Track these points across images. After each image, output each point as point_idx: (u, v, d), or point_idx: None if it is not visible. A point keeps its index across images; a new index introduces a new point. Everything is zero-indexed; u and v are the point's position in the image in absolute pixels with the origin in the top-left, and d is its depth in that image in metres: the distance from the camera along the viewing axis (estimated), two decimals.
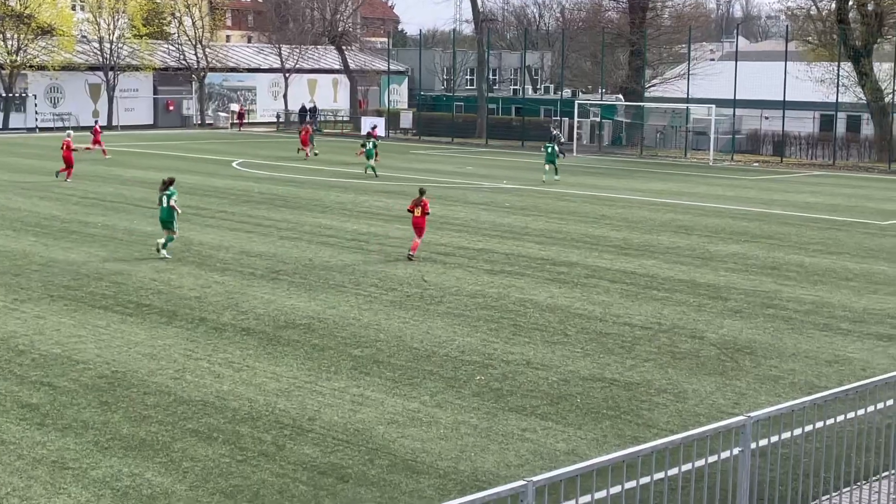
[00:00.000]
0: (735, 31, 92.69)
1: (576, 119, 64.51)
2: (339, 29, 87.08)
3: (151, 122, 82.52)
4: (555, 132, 59.35)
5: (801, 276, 23.81)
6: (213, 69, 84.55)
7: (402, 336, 17.70)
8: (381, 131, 74.88)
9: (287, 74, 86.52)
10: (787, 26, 65.82)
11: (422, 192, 25.47)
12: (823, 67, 60.19)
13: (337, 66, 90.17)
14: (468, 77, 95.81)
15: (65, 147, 41.78)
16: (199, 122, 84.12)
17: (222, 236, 28.15)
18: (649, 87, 69.30)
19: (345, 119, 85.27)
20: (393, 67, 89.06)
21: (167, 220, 24.73)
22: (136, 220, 30.88)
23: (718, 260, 25.80)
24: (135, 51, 79.96)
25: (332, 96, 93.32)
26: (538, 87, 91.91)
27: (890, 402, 10.31)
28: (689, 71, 63.95)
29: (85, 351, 16.42)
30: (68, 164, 41.46)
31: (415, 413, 13.64)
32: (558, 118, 65.63)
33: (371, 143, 46.30)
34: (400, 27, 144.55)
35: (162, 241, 24.78)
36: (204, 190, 38.97)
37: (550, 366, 15.99)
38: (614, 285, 22.45)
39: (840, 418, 9.79)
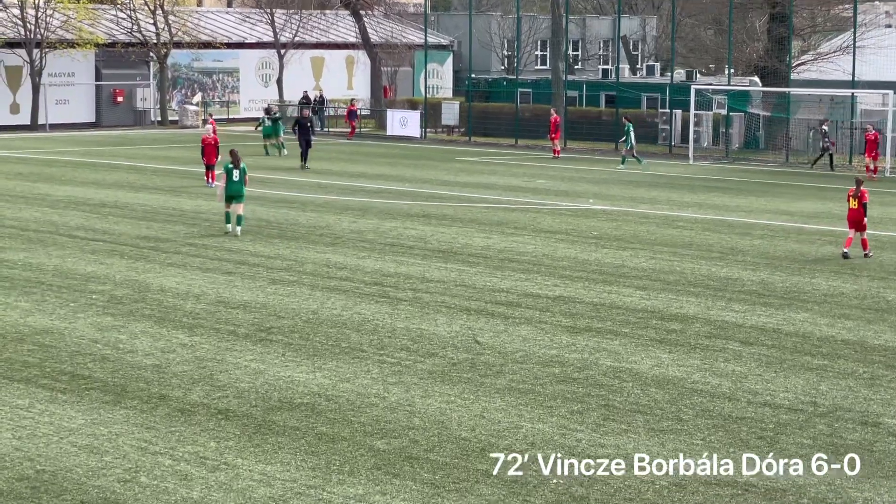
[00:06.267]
0: None
1: (692, 112, 64.32)
2: None
3: (92, 120, 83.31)
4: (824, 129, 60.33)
5: None
6: (180, 44, 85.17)
7: (444, 422, 17.65)
8: (414, 129, 75.29)
9: (283, 50, 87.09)
10: None
11: (859, 181, 32.02)
12: None
13: (353, 39, 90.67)
14: (539, 53, 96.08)
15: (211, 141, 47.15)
16: (160, 118, 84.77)
17: (191, 280, 28.30)
18: (797, 65, 69.04)
19: (363, 112, 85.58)
20: (432, 40, 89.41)
21: (241, 193, 34.09)
22: (72, 256, 31.16)
23: None
24: (69, 19, 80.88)
25: (345, 81, 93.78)
26: (638, 66, 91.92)
27: None
28: (854, 43, 63.65)
29: None
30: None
31: None
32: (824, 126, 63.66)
33: (266, 118, 63.55)
34: None
35: (239, 229, 33.93)
36: (166, 214, 39.25)
37: (658, 464, 15.87)
38: (749, 349, 22.29)
39: None
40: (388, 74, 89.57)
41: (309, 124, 56.82)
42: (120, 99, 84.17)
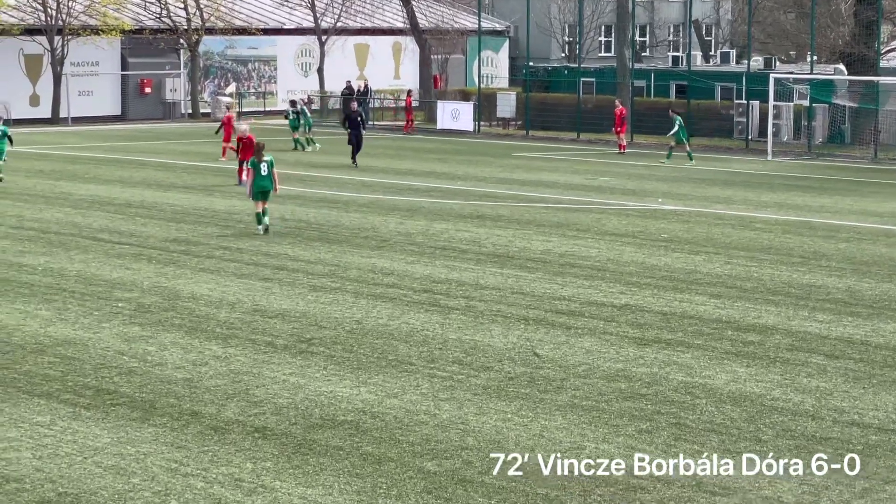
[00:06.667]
0: None
1: (771, 103, 64.08)
2: None
3: (118, 113, 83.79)
4: None
5: None
6: (212, 30, 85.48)
7: (501, 441, 17.63)
8: (466, 122, 75.17)
9: (324, 37, 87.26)
10: None
11: None
12: None
13: (400, 24, 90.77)
14: (603, 39, 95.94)
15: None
16: (191, 110, 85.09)
17: (225, 286, 28.40)
18: (887, 52, 68.68)
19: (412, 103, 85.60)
20: (486, 25, 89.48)
21: (268, 189, 35.12)
22: (96, 261, 31.33)
23: None
24: (93, 3, 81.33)
25: (391, 70, 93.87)
26: (712, 53, 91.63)
27: None
28: None
29: (18, 462, 16.62)
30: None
31: None
32: None
33: (291, 111, 64.77)
34: None
35: (266, 220, 35.10)
36: (198, 215, 39.42)
37: (735, 489, 15.81)
38: (834, 363, 22.17)
39: None
40: (439, 63, 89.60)
41: (359, 119, 56.55)
42: (148, 90, 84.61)
